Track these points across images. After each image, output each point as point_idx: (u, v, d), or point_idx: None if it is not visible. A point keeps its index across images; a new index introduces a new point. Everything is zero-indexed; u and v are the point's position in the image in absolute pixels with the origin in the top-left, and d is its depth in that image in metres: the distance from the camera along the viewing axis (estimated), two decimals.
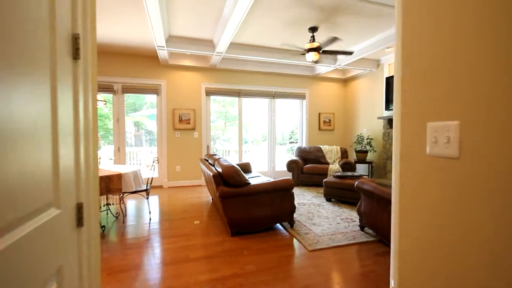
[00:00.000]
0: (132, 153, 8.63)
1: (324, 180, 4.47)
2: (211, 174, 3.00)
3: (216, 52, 4.85)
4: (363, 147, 5.95)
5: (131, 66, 5.46)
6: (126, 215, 3.77)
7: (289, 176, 6.63)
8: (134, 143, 9.85)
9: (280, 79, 6.55)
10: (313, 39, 4.14)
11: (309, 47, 4.06)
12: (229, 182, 2.93)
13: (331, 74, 6.78)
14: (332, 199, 4.48)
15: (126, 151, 8.29)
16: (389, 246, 2.68)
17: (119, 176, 3.10)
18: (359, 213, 3.08)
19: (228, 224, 2.94)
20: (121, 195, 3.68)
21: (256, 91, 6.34)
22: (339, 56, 5.65)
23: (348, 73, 6.80)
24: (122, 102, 5.49)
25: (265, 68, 6.16)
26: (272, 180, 3.85)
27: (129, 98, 10.82)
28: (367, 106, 6.36)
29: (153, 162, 3.76)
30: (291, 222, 3.21)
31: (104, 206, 3.67)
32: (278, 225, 3.28)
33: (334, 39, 3.71)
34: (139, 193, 3.58)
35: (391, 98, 5.29)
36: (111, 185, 3.05)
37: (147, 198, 3.72)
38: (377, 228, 2.77)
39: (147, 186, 3.70)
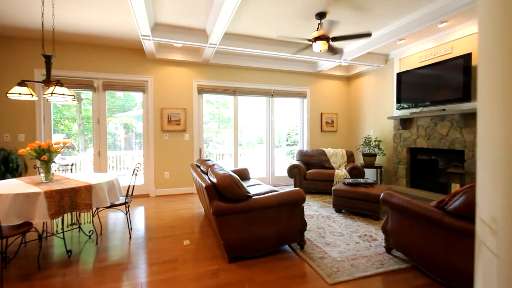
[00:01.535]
0: (119, 158, 7.98)
1: (333, 188, 3.92)
2: (204, 185, 2.42)
3: (209, 44, 4.28)
4: (371, 150, 5.44)
5: (114, 60, 4.84)
6: (101, 234, 3.15)
7: (290, 182, 6.08)
8: (123, 146, 9.23)
9: (280, 76, 6.02)
10: (320, 26, 3.61)
11: (317, 36, 3.52)
12: (226, 195, 2.35)
13: (334, 71, 6.28)
14: (343, 210, 3.94)
15: (112, 156, 7.65)
16: (427, 275, 2.14)
17: (88, 188, 2.48)
18: (384, 231, 2.53)
19: (225, 247, 2.35)
20: (94, 211, 3.06)
21: (253, 89, 5.78)
22: (346, 50, 5.15)
23: (352, 70, 6.31)
24: (103, 100, 4.86)
25: (263, 64, 5.61)
26: (277, 191, 3.28)
27: (118, 99, 10.19)
28: (374, 106, 5.87)
29: (135, 170, 3.15)
30: (302, 242, 2.64)
31: (68, 226, 3.04)
32: (286, 246, 2.71)
33: (332, 23, 3.19)
34: (117, 207, 2.97)
35: (403, 96, 4.80)
36: (78, 199, 2.43)
37: (127, 213, 3.10)
38: (412, 252, 2.22)
39: (126, 198, 3.09)
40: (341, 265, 2.31)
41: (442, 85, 4.13)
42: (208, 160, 3.41)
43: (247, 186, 3.66)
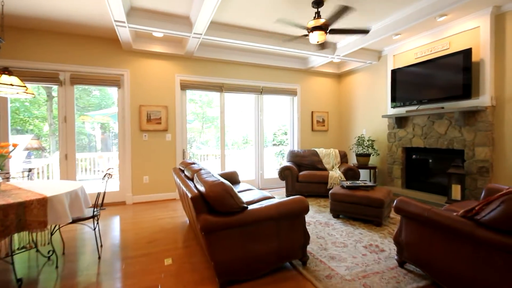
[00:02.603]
0: (93, 160, 7.32)
1: (331, 192, 3.62)
2: (189, 195, 2.00)
3: (194, 34, 3.85)
4: (364, 150, 5.22)
5: (84, 51, 4.27)
6: (64, 254, 2.64)
7: (280, 184, 5.75)
8: (100, 147, 8.59)
9: (269, 72, 5.67)
10: (317, 15, 3.29)
11: (314, 25, 3.20)
12: (217, 207, 1.95)
13: (325, 68, 6.02)
14: (341, 215, 3.65)
15: (86, 158, 7.00)
16: None
17: (42, 202, 1.99)
18: (397, 243, 2.24)
19: (216, 270, 1.95)
20: (53, 227, 2.56)
21: (241, 85, 5.39)
22: (339, 45, 4.89)
23: (343, 67, 6.08)
24: (71, 96, 4.28)
25: (252, 59, 5.24)
26: (272, 197, 2.93)
27: (94, 97, 9.44)
28: (366, 104, 5.66)
29: (106, 175, 2.67)
30: (304, 258, 2.29)
31: (15, 251, 2.51)
32: (287, 263, 2.35)
33: (345, 9, 2.86)
34: (82, 222, 2.48)
35: (399, 93, 4.60)
36: (28, 216, 1.93)
37: (95, 228, 2.60)
38: (432, 268, 1.93)
39: (95, 210, 2.60)
40: (353, 286, 1.98)
41: (440, 82, 3.95)
42: (193, 163, 2.99)
43: (238, 192, 3.27)
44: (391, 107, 4.74)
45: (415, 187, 4.60)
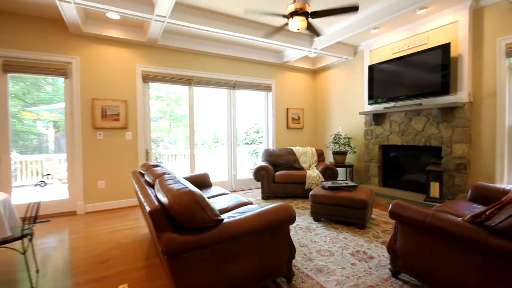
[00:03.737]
0: (40, 163, 6.39)
1: (311, 193, 3.35)
2: (148, 208, 1.56)
3: (156, 16, 3.34)
4: (341, 148, 5.07)
5: (21, 33, 3.54)
6: None
7: (255, 185, 5.42)
8: (53, 148, 7.58)
9: (242, 66, 5.29)
10: None
11: (293, 10, 2.88)
12: (184, 223, 1.54)
13: (300, 63, 5.79)
14: (322, 218, 3.40)
15: (35, 161, 6.09)
16: None
17: None
18: (391, 251, 2.00)
19: None
20: None
21: (212, 79, 4.94)
22: (315, 38, 4.66)
23: (318, 63, 5.90)
24: (3, 86, 3.52)
25: (224, 50, 4.82)
26: (250, 202, 2.56)
27: (44, 92, 8.34)
28: (342, 101, 5.53)
29: (38, 185, 2.11)
30: (289, 275, 1.97)
31: None
32: (270, 283, 2.00)
33: (354, 9, 2.60)
34: (4, 246, 1.90)
35: (376, 90, 4.49)
36: None
37: (24, 252, 2.03)
38: (434, 280, 1.71)
39: (24, 228, 2.03)
40: None
41: (417, 77, 3.87)
42: (157, 166, 2.52)
43: (210, 198, 2.87)
44: (368, 104, 4.62)
45: (392, 185, 4.53)
